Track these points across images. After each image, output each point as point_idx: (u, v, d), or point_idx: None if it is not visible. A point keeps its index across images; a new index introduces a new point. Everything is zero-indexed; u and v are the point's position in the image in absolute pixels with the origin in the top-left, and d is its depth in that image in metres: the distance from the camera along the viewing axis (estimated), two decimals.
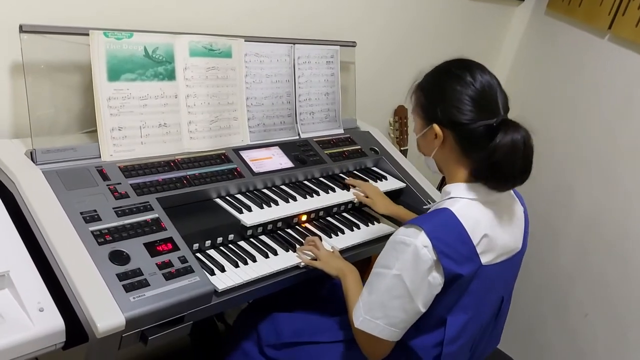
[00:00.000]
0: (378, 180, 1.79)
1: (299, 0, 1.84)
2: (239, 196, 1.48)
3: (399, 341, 1.16)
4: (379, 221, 1.67)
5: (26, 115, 1.25)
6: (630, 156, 2.15)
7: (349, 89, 2.01)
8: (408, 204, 1.72)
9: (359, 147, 1.88)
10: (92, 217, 1.16)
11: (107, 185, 1.25)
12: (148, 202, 1.26)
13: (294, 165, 1.64)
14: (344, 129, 1.92)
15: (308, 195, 1.57)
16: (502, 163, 1.08)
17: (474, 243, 1.10)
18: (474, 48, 2.53)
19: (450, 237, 1.09)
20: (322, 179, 1.70)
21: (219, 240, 1.35)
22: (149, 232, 1.19)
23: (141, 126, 1.38)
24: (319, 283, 1.58)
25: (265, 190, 1.54)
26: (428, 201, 1.77)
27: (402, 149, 2.30)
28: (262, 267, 1.31)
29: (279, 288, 1.35)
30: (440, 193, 1.23)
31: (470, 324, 1.17)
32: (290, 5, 1.82)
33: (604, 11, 2.19)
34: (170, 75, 1.43)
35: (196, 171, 1.42)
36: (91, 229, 1.14)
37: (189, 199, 1.38)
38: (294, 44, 1.74)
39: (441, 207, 1.14)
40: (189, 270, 1.16)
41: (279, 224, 1.48)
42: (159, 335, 1.10)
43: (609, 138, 2.23)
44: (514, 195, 1.27)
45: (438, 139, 1.17)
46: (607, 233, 2.23)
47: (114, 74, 1.32)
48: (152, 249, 1.16)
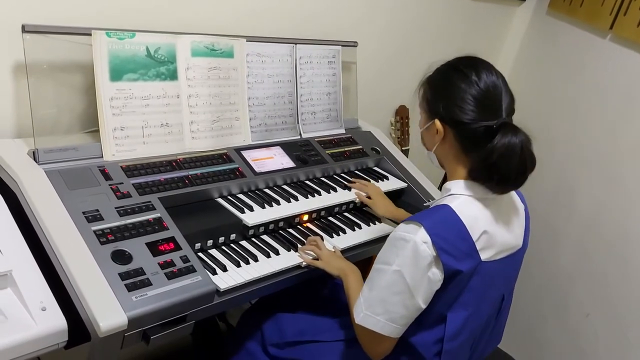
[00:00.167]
0: (379, 180, 1.80)
1: (301, 1, 1.84)
2: (241, 196, 1.48)
3: (400, 338, 1.16)
4: (381, 221, 1.67)
5: (29, 115, 1.25)
6: (631, 156, 2.15)
7: (350, 88, 2.02)
8: (409, 204, 1.72)
9: (361, 147, 1.88)
10: (95, 217, 1.16)
11: (110, 185, 1.26)
12: (150, 202, 1.26)
13: (295, 165, 1.64)
14: (345, 129, 1.92)
15: (310, 195, 1.57)
16: (498, 165, 1.08)
17: (474, 239, 1.11)
18: (475, 48, 2.50)
19: (449, 234, 1.09)
20: (324, 178, 1.70)
21: (221, 239, 1.35)
22: (151, 232, 1.20)
23: (143, 126, 1.38)
24: (321, 283, 1.58)
25: (267, 190, 1.55)
26: (428, 200, 1.77)
27: (404, 148, 2.30)
28: (264, 267, 1.31)
29: (281, 288, 1.35)
30: (441, 191, 1.24)
31: (470, 320, 1.17)
32: (291, 5, 1.82)
33: (606, 11, 2.19)
34: (172, 75, 1.43)
35: (198, 171, 1.42)
36: (93, 228, 1.14)
37: (191, 199, 1.38)
38: (296, 44, 1.74)
39: (441, 204, 1.14)
40: (191, 270, 1.16)
41: (281, 224, 1.49)
42: (161, 335, 1.11)
43: (610, 138, 2.23)
44: (514, 193, 1.28)
45: (439, 135, 1.17)
46: (608, 233, 2.23)
47: (116, 74, 1.33)
48: (154, 248, 1.17)
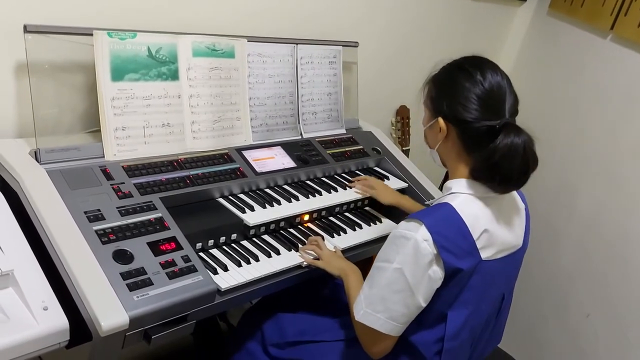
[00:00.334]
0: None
1: (301, 1, 1.84)
2: (242, 196, 1.48)
3: (400, 337, 1.16)
4: (381, 221, 1.68)
5: (30, 115, 1.25)
6: (631, 156, 2.15)
7: (351, 89, 2.02)
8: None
9: (361, 147, 1.88)
10: (96, 217, 1.17)
11: (111, 184, 1.26)
12: (151, 202, 1.27)
13: (296, 165, 1.64)
14: (346, 129, 1.92)
15: (310, 195, 1.58)
16: (500, 165, 1.08)
17: (474, 238, 1.11)
18: (475, 48, 2.50)
19: (450, 232, 1.09)
20: (325, 178, 1.71)
21: (222, 239, 1.35)
22: (153, 232, 1.20)
23: (144, 126, 1.38)
24: (322, 283, 1.58)
25: (267, 190, 1.55)
26: (429, 200, 1.77)
27: (404, 149, 2.30)
28: (265, 267, 1.32)
29: (282, 287, 1.35)
30: (442, 190, 1.24)
31: (470, 319, 1.18)
32: (292, 6, 1.82)
33: (606, 11, 2.19)
34: (174, 76, 1.44)
35: (199, 171, 1.43)
36: (95, 228, 1.14)
37: (192, 199, 1.38)
38: (297, 44, 1.74)
39: (442, 202, 1.15)
40: (192, 270, 1.16)
41: (282, 224, 1.49)
42: (162, 334, 1.11)
43: (611, 138, 2.23)
44: (515, 193, 1.28)
45: (442, 133, 1.18)
46: (608, 233, 2.23)
47: (118, 74, 1.33)
48: (156, 248, 1.17)
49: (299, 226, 1.54)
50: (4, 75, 1.31)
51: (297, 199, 1.54)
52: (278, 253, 1.38)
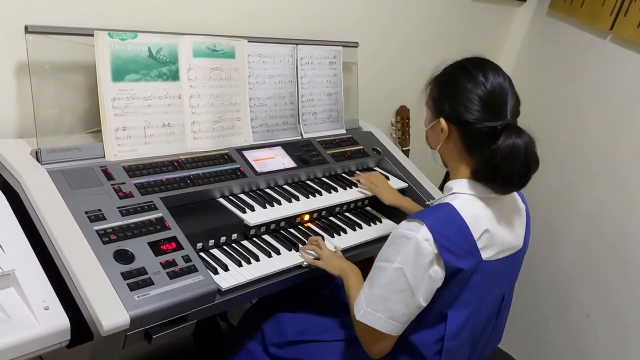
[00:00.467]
0: None
1: (301, 1, 1.85)
2: (242, 196, 1.49)
3: (400, 337, 1.16)
4: (381, 221, 1.68)
5: (31, 115, 1.26)
6: (631, 157, 2.15)
7: (351, 89, 2.02)
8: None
9: (361, 147, 1.89)
10: (97, 217, 1.17)
11: (112, 184, 1.26)
12: (152, 202, 1.27)
13: (296, 165, 1.65)
14: (346, 129, 1.92)
15: (311, 195, 1.58)
16: (501, 166, 1.09)
17: (475, 238, 1.12)
18: (475, 48, 2.50)
19: (451, 232, 1.10)
20: (325, 178, 1.71)
21: (223, 239, 1.36)
22: (153, 232, 1.20)
23: (145, 126, 1.38)
24: (322, 283, 1.59)
25: (268, 190, 1.55)
26: (429, 200, 1.77)
27: (404, 149, 2.31)
28: (265, 267, 1.32)
29: (282, 287, 1.35)
30: (443, 191, 1.24)
31: (470, 319, 1.18)
32: (292, 6, 1.83)
33: (606, 12, 2.20)
34: (174, 76, 1.44)
35: (200, 171, 1.43)
36: (96, 228, 1.14)
37: (193, 199, 1.39)
38: (297, 44, 1.74)
39: (443, 202, 1.15)
40: (192, 270, 1.17)
41: (282, 224, 1.49)
42: (163, 334, 1.11)
43: (611, 138, 2.23)
44: (515, 194, 1.28)
45: (443, 134, 1.18)
46: (608, 233, 2.23)
47: (119, 74, 1.33)
48: (156, 248, 1.17)
49: (299, 226, 1.54)
50: (5, 76, 1.32)
51: (298, 199, 1.55)
52: (278, 253, 1.38)
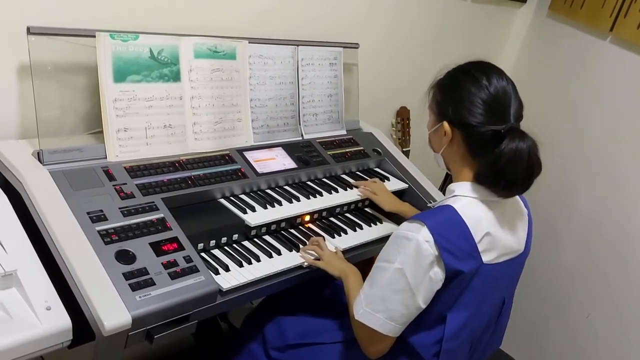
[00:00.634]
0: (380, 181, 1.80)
1: (303, 3, 1.85)
2: (243, 196, 1.49)
3: (399, 338, 1.17)
4: (382, 221, 1.68)
5: (33, 116, 1.26)
6: (632, 157, 2.15)
7: (351, 90, 2.02)
8: (411, 205, 1.73)
9: (362, 148, 1.89)
10: (99, 217, 1.17)
11: (113, 185, 1.26)
12: (153, 202, 1.27)
13: (297, 166, 1.65)
14: (346, 130, 1.93)
15: (311, 196, 1.58)
16: (505, 170, 1.09)
17: (476, 241, 1.12)
18: (476, 50, 2.53)
19: (452, 234, 1.10)
20: (325, 179, 1.71)
21: (224, 240, 1.36)
22: (155, 232, 1.21)
23: (146, 127, 1.39)
24: (323, 284, 1.59)
25: (269, 191, 1.56)
26: (431, 202, 1.78)
27: (405, 150, 2.31)
28: (266, 267, 1.32)
29: (283, 287, 1.36)
30: (444, 193, 1.24)
31: (470, 321, 1.18)
32: (293, 7, 1.83)
33: (606, 13, 2.20)
34: (175, 77, 1.44)
35: (201, 172, 1.43)
36: (97, 228, 1.15)
37: (194, 199, 1.39)
38: (298, 45, 1.75)
39: (444, 205, 1.15)
40: (194, 270, 1.17)
41: (283, 224, 1.50)
42: (164, 334, 1.12)
43: (611, 139, 2.24)
44: (518, 198, 1.28)
45: (447, 137, 1.18)
46: (608, 233, 2.24)
47: (120, 75, 1.34)
48: (158, 248, 1.17)
49: (300, 227, 1.54)
50: (8, 77, 1.32)
51: (298, 199, 1.55)
52: (279, 253, 1.39)
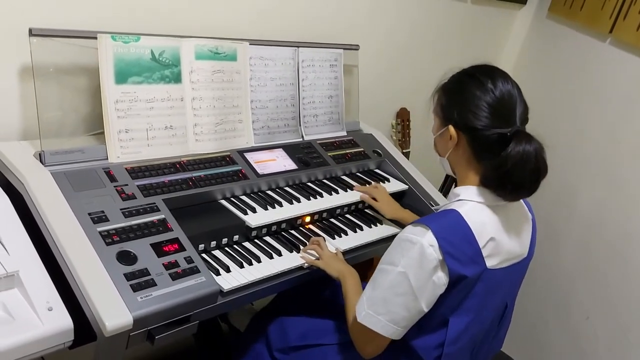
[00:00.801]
0: (381, 183, 1.81)
1: (303, 4, 1.86)
2: (244, 197, 1.49)
3: (401, 340, 1.17)
4: (382, 223, 1.69)
5: (35, 118, 1.27)
6: (631, 158, 2.16)
7: (352, 91, 2.03)
8: (411, 206, 1.74)
9: (362, 150, 1.89)
10: (100, 218, 1.18)
11: (115, 186, 1.27)
12: (154, 203, 1.28)
13: (297, 167, 1.66)
14: (347, 131, 1.93)
15: (312, 197, 1.59)
16: (512, 173, 1.08)
17: (480, 246, 1.11)
18: (476, 51, 2.55)
19: (456, 238, 1.10)
20: (326, 180, 1.72)
21: (224, 241, 1.36)
22: (156, 233, 1.21)
23: (148, 128, 1.39)
24: (324, 284, 1.59)
25: (269, 192, 1.56)
26: (431, 203, 1.78)
27: (405, 151, 2.31)
28: (267, 268, 1.33)
29: (283, 288, 1.36)
30: (448, 195, 1.25)
31: (472, 326, 1.18)
32: (294, 9, 1.84)
33: (605, 15, 2.21)
34: (177, 78, 1.45)
35: (202, 173, 1.44)
36: (99, 229, 1.15)
37: (195, 200, 1.39)
38: (298, 47, 1.75)
39: (449, 209, 1.15)
40: (195, 271, 1.17)
41: (283, 225, 1.50)
42: (165, 335, 1.12)
43: (610, 140, 2.24)
44: (522, 203, 1.28)
45: (452, 141, 1.18)
46: (608, 234, 2.24)
47: (121, 77, 1.34)
48: (159, 249, 1.18)
49: (300, 228, 1.55)
50: (9, 78, 1.33)
51: (299, 200, 1.55)
52: (280, 254, 1.39)
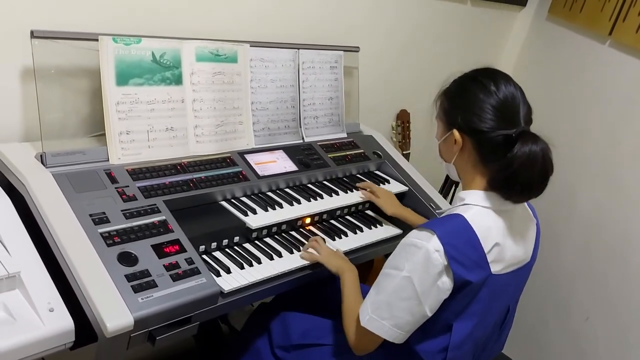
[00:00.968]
0: (381, 184, 1.81)
1: (304, 7, 1.86)
2: (244, 199, 1.50)
3: (404, 345, 1.17)
4: (382, 224, 1.69)
5: (36, 119, 1.27)
6: (631, 160, 2.16)
7: (352, 93, 2.03)
8: (411, 208, 1.74)
9: (362, 151, 1.90)
10: (101, 219, 1.18)
11: (116, 188, 1.27)
12: (155, 205, 1.28)
13: (298, 169, 1.66)
14: (347, 133, 1.94)
15: (312, 199, 1.59)
16: (519, 174, 1.08)
17: (485, 251, 1.11)
18: (476, 53, 2.55)
19: (461, 243, 1.09)
20: (326, 182, 1.72)
21: (225, 242, 1.37)
22: (157, 234, 1.21)
23: (148, 130, 1.40)
24: (324, 285, 1.59)
25: (269, 193, 1.56)
26: (431, 205, 1.79)
27: (405, 152, 2.32)
28: (267, 269, 1.33)
29: (284, 289, 1.37)
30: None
31: (475, 330, 1.18)
32: (294, 11, 1.84)
33: (605, 17, 2.21)
34: (177, 80, 1.45)
35: (202, 174, 1.44)
36: (100, 230, 1.16)
37: (196, 202, 1.40)
38: (299, 49, 1.76)
39: (454, 213, 1.14)
40: (195, 272, 1.18)
41: (284, 227, 1.50)
42: (166, 336, 1.12)
43: (610, 141, 2.25)
44: (527, 207, 1.28)
45: (457, 145, 1.17)
46: (608, 234, 2.24)
47: (123, 78, 1.35)
48: (160, 250, 1.18)
49: (301, 229, 1.55)
50: (11, 80, 1.33)
51: (299, 202, 1.56)
52: (280, 255, 1.40)
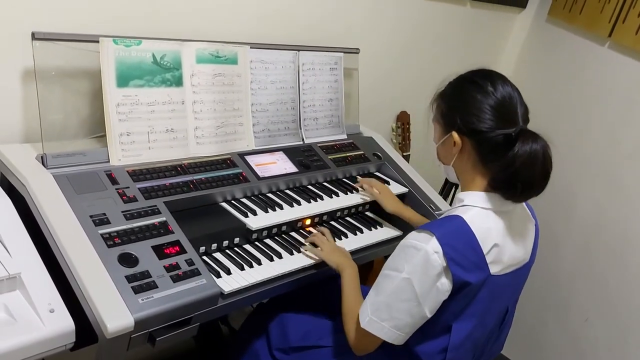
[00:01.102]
0: None
1: (304, 8, 1.87)
2: (245, 200, 1.50)
3: (404, 346, 1.17)
4: (382, 225, 1.69)
5: (37, 120, 1.27)
6: (631, 161, 2.17)
7: (352, 94, 2.04)
8: (412, 209, 1.74)
9: (362, 153, 1.90)
10: (102, 220, 1.18)
11: (116, 189, 1.28)
12: (156, 206, 1.28)
13: (298, 170, 1.66)
14: (347, 135, 1.94)
15: (312, 200, 1.59)
16: (521, 173, 1.08)
17: (484, 252, 1.11)
18: (475, 55, 2.55)
19: (460, 245, 1.09)
20: (326, 183, 1.73)
21: (225, 243, 1.37)
22: (157, 235, 1.22)
23: (149, 131, 1.40)
24: (324, 285, 1.59)
25: (270, 195, 1.57)
26: (431, 206, 1.79)
27: (405, 154, 2.32)
28: (267, 270, 1.33)
29: (284, 291, 1.37)
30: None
31: (474, 331, 1.18)
32: (294, 13, 1.85)
33: (605, 19, 2.22)
34: (178, 82, 1.46)
35: (202, 176, 1.44)
36: (101, 231, 1.16)
37: (196, 203, 1.40)
38: (299, 50, 1.76)
39: (453, 214, 1.14)
40: (195, 273, 1.18)
41: (284, 228, 1.51)
42: (166, 337, 1.13)
43: (610, 143, 2.25)
44: (526, 208, 1.28)
45: (456, 147, 1.17)
46: (608, 235, 2.25)
47: (123, 80, 1.35)
48: (160, 251, 1.18)
49: (301, 230, 1.55)
50: (12, 81, 1.34)
51: (299, 203, 1.56)
52: (280, 257, 1.40)
